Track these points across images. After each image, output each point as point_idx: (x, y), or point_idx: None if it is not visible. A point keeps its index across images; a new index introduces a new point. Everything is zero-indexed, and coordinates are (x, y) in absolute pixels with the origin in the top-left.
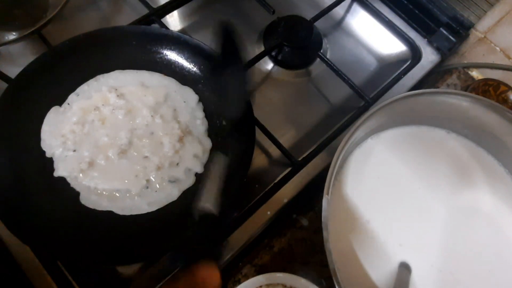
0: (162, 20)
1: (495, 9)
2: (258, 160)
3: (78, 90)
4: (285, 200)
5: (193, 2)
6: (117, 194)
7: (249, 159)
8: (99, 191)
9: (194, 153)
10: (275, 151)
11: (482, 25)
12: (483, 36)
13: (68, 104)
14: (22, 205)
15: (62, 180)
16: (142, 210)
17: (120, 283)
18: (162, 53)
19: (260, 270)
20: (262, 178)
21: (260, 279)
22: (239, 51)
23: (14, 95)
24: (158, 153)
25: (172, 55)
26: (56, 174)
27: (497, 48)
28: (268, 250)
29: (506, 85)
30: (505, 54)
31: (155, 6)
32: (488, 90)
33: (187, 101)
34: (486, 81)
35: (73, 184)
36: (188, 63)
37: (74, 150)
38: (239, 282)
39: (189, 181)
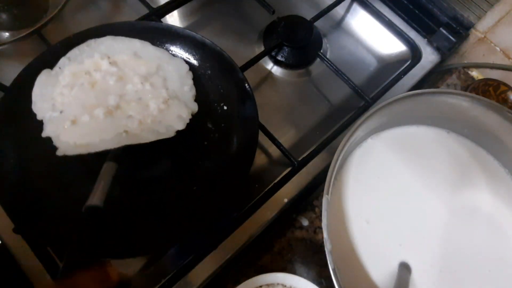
0: (162, 20)
1: (495, 9)
2: (258, 160)
3: (69, 54)
4: (285, 200)
5: (193, 2)
6: (95, 141)
7: (252, 155)
8: (77, 145)
9: (178, 114)
10: (275, 151)
11: (482, 25)
12: (483, 36)
13: (60, 68)
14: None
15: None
16: (109, 146)
17: (120, 284)
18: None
19: (260, 270)
20: (262, 178)
21: (260, 279)
22: None
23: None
24: (142, 113)
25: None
26: (43, 134)
27: (497, 48)
28: (268, 250)
29: (506, 85)
30: (505, 54)
31: (155, 6)
32: (488, 90)
33: (177, 70)
34: (486, 81)
35: (55, 142)
36: (188, 53)
37: (61, 112)
38: (239, 282)
39: (169, 134)
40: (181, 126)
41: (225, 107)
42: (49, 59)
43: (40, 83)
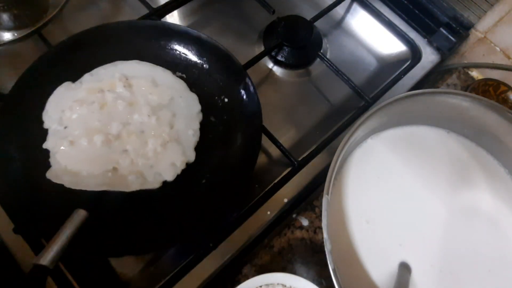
0: (162, 20)
1: (495, 9)
2: (258, 160)
3: (94, 71)
4: (285, 200)
5: (193, 2)
6: (82, 174)
7: (255, 156)
8: (67, 171)
9: (172, 161)
10: (275, 151)
11: (482, 25)
12: (483, 36)
13: (81, 82)
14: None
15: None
16: (88, 187)
17: (120, 284)
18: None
19: (260, 270)
20: (262, 178)
21: (260, 279)
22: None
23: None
24: (138, 150)
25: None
26: (44, 145)
27: (497, 48)
28: (268, 250)
29: (506, 85)
30: (505, 54)
31: (155, 6)
32: (488, 90)
33: (189, 108)
34: (486, 81)
35: (51, 159)
36: (184, 49)
37: (65, 127)
38: (239, 282)
39: (153, 185)
40: (170, 177)
41: (226, 100)
42: (70, 44)
43: (58, 93)
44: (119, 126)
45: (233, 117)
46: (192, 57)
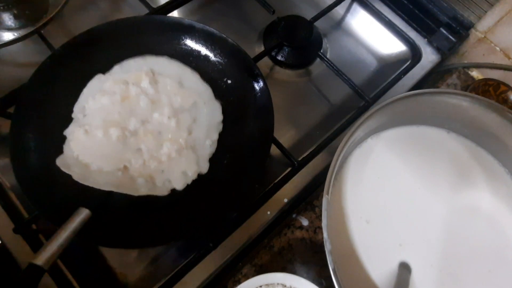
0: None
1: (495, 9)
2: None
3: (124, 62)
4: (285, 200)
5: (192, 2)
6: (92, 168)
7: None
8: (77, 161)
9: (184, 170)
10: (275, 151)
11: (482, 25)
12: (483, 36)
13: (110, 74)
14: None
15: None
16: (96, 185)
17: (120, 284)
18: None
19: (260, 270)
20: (262, 178)
21: (260, 279)
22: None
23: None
24: (152, 152)
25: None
26: (64, 132)
27: (497, 48)
28: (268, 250)
29: (506, 85)
30: (505, 54)
31: (155, 6)
32: (488, 90)
33: (211, 115)
34: (486, 81)
35: (65, 145)
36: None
37: (85, 115)
38: (239, 282)
39: (162, 191)
40: (180, 185)
41: (229, 81)
42: (101, 30)
43: (91, 86)
44: (138, 122)
45: (239, 95)
46: (187, 47)
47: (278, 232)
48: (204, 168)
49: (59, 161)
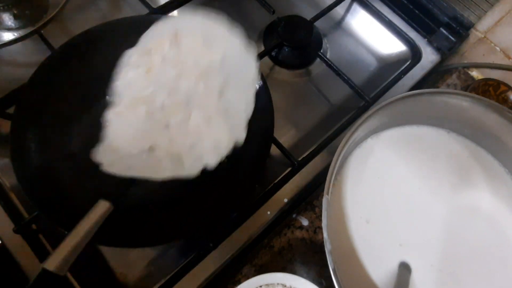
0: None
1: (495, 9)
2: None
3: (152, 28)
4: (285, 200)
5: (193, 2)
6: (121, 152)
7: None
8: (108, 147)
9: (216, 141)
10: (275, 151)
11: (482, 25)
12: (483, 36)
13: (136, 47)
14: None
15: None
16: (121, 170)
17: (120, 284)
18: None
19: (260, 270)
20: (262, 178)
21: (260, 279)
22: None
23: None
24: (180, 126)
25: None
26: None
27: (497, 48)
28: (268, 250)
29: (506, 85)
30: (505, 54)
31: (155, 6)
32: (488, 90)
33: (243, 73)
34: (486, 81)
35: (104, 133)
36: None
37: (116, 96)
38: (239, 282)
39: (190, 171)
40: (213, 161)
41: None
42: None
43: (121, 65)
44: (164, 94)
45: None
46: None
47: (278, 232)
48: (241, 136)
49: (96, 154)
